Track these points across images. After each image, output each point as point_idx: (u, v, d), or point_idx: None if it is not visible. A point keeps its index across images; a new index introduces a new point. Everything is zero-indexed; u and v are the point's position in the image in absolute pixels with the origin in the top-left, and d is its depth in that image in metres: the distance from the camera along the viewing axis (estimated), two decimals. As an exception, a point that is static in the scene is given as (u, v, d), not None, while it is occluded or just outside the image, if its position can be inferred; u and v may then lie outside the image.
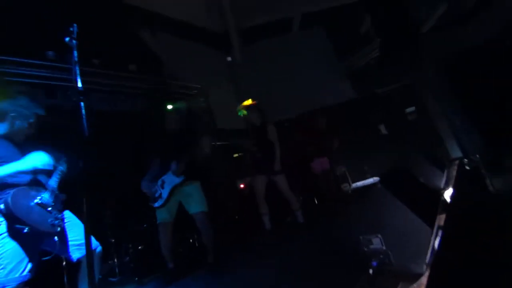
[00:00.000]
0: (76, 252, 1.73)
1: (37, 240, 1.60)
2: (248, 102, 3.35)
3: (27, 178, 1.66)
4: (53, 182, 1.77)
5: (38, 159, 1.66)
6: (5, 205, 1.48)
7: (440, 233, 1.63)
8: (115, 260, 3.10)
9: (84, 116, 1.29)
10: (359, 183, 5.05)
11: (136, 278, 2.95)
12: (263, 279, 2.17)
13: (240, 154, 5.47)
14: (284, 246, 2.99)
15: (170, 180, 2.64)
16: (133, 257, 3.11)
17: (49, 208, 1.63)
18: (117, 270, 3.08)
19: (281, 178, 3.20)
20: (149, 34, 5.36)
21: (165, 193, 2.63)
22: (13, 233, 1.49)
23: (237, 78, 6.28)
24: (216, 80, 6.03)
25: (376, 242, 1.55)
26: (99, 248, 1.84)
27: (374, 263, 1.52)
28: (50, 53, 3.84)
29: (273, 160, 3.16)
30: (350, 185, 5.02)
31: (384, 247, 1.53)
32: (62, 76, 3.75)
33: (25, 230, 1.47)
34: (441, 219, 1.79)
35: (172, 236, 2.72)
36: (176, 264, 2.74)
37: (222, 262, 2.78)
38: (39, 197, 1.61)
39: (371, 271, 1.52)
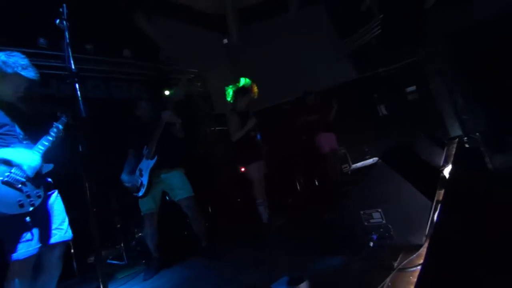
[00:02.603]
0: (54, 237, 1.59)
1: (3, 222, 1.39)
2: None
3: (8, 141, 1.50)
4: (39, 147, 1.56)
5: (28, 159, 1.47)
6: None
7: (439, 207, 1.66)
8: (122, 245, 3.19)
9: (79, 97, 1.27)
10: (359, 164, 5.09)
11: (143, 261, 3.04)
12: (260, 259, 2.22)
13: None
14: (282, 228, 3.04)
15: (146, 165, 2.54)
16: (138, 241, 3.19)
17: (19, 185, 1.42)
18: (124, 254, 3.17)
19: (253, 167, 2.97)
20: (143, 17, 5.22)
21: (145, 180, 2.52)
22: None
23: (234, 60, 6.17)
24: (214, 64, 5.93)
25: (377, 216, 1.58)
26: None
27: (375, 237, 1.56)
28: (42, 40, 3.73)
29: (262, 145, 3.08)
30: (350, 166, 5.06)
31: (384, 221, 1.57)
32: (56, 64, 3.66)
33: None
34: (440, 194, 1.82)
35: (157, 226, 2.65)
36: (165, 253, 2.70)
37: (219, 246, 2.80)
38: (6, 173, 1.40)
39: (371, 244, 1.56)
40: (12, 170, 1.43)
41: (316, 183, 4.48)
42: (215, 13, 6.09)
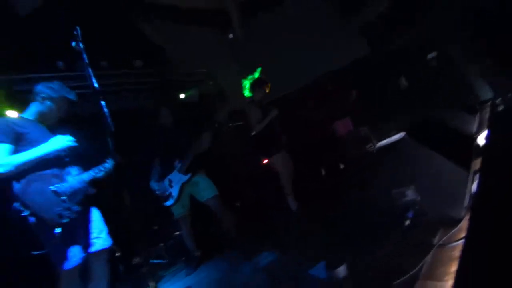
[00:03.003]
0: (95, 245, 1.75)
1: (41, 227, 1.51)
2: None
3: (61, 162, 1.68)
4: (89, 174, 1.75)
5: (59, 142, 1.64)
6: (18, 185, 1.48)
7: (477, 176, 1.58)
8: (162, 245, 3.37)
9: (107, 113, 1.35)
10: (384, 142, 4.90)
11: (183, 258, 3.20)
12: (293, 247, 2.26)
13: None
14: (312, 214, 3.03)
15: (177, 178, 2.70)
16: (176, 240, 3.36)
17: (63, 197, 1.57)
18: (165, 253, 3.36)
19: (277, 157, 2.97)
20: (149, 26, 5.32)
21: (174, 191, 2.69)
22: (14, 212, 1.47)
23: (241, 55, 6.13)
24: (222, 61, 5.94)
25: (410, 194, 1.53)
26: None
27: (410, 215, 1.52)
28: (60, 63, 3.92)
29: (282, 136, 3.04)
30: (374, 145, 4.89)
31: (418, 198, 1.52)
32: (76, 84, 3.83)
33: (22, 214, 1.45)
34: (476, 163, 1.73)
35: (191, 226, 2.81)
36: (202, 250, 2.85)
37: (248, 240, 2.86)
38: (57, 185, 1.57)
39: (407, 223, 1.52)
40: (62, 184, 1.60)
41: (341, 167, 4.40)
42: (216, 8, 6.05)
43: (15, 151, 1.54)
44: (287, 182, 2.98)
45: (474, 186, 1.53)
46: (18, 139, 1.57)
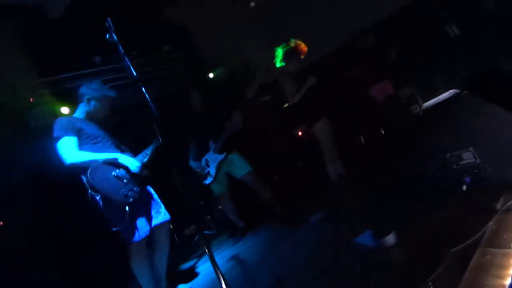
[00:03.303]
0: (156, 219, 1.98)
1: (111, 208, 1.73)
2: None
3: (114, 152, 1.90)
4: (139, 158, 1.98)
5: (125, 160, 1.87)
6: (85, 177, 1.69)
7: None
8: (208, 217, 3.65)
9: (149, 99, 1.41)
10: (432, 102, 4.44)
11: (229, 229, 3.43)
12: (337, 215, 2.25)
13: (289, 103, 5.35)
14: (355, 182, 2.96)
15: (213, 158, 2.85)
16: (222, 213, 3.59)
17: (125, 180, 1.80)
18: (212, 225, 3.64)
19: (319, 125, 2.88)
20: (170, 8, 5.25)
21: (212, 170, 2.86)
22: (91, 198, 1.69)
23: (266, 23, 5.82)
24: (248, 33, 5.72)
25: (468, 157, 1.39)
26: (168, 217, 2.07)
27: (468, 179, 1.39)
28: (97, 58, 4.13)
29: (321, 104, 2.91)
30: (420, 106, 4.47)
31: (478, 160, 1.38)
32: (113, 76, 4.03)
33: (98, 197, 1.66)
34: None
35: (233, 201, 2.99)
36: (247, 222, 3.06)
37: (292, 210, 2.97)
38: (117, 170, 1.80)
39: (464, 187, 1.41)
40: (120, 169, 1.82)
41: (382, 132, 4.14)
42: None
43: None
44: (330, 150, 2.92)
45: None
46: (78, 134, 1.80)
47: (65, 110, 3.59)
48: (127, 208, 1.77)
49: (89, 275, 2.95)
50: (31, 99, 3.64)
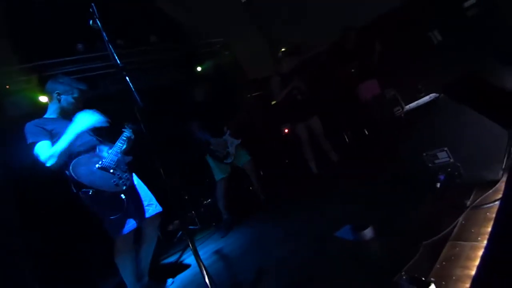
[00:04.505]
0: (148, 212, 1.94)
1: (105, 200, 1.71)
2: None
3: (91, 144, 1.84)
4: (117, 146, 1.91)
5: (88, 118, 1.78)
6: (68, 174, 1.65)
7: (517, 136, 1.47)
8: (193, 212, 3.62)
9: (133, 89, 1.38)
10: (413, 104, 4.59)
11: (214, 224, 3.43)
12: (318, 210, 2.31)
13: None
14: (336, 179, 3.05)
15: (231, 141, 3.07)
16: (206, 207, 3.59)
17: (112, 170, 1.76)
18: (196, 220, 3.62)
19: (314, 121, 3.12)
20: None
21: (232, 151, 3.02)
22: (83, 195, 1.67)
23: (256, 18, 5.80)
24: (238, 28, 5.69)
25: (442, 156, 1.48)
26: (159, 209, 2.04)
27: (441, 177, 1.47)
28: (80, 45, 3.97)
29: (307, 104, 3.06)
30: (402, 108, 4.61)
31: (452, 160, 1.46)
32: (97, 65, 3.90)
33: (90, 192, 1.63)
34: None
35: (228, 189, 3.10)
36: (233, 215, 3.15)
37: (277, 204, 3.08)
38: (100, 162, 1.75)
39: (438, 185, 1.49)
40: (103, 160, 1.78)
41: (366, 132, 4.27)
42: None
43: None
44: (324, 141, 3.18)
45: (514, 146, 1.44)
46: (51, 135, 1.73)
47: (43, 98, 3.45)
48: (122, 196, 1.76)
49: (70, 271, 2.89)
50: (7, 86, 3.46)
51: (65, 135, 1.70)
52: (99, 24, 1.56)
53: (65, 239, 2.97)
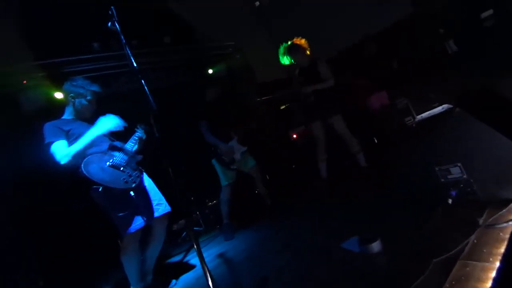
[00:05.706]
0: (158, 211, 1.97)
1: (115, 197, 1.75)
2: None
3: (105, 146, 1.89)
4: (129, 145, 1.97)
5: (108, 122, 1.86)
6: (80, 171, 1.69)
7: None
8: (198, 213, 3.64)
9: (148, 92, 1.40)
10: (425, 114, 4.51)
11: (218, 226, 3.44)
12: (325, 217, 2.28)
13: (287, 105, 5.35)
14: (345, 187, 3.01)
15: (238, 148, 3.06)
16: (211, 209, 3.60)
17: (122, 168, 1.81)
18: (201, 221, 3.63)
19: (338, 119, 2.98)
20: (174, 1, 5.19)
21: (237, 157, 3.03)
22: (93, 192, 1.73)
23: (269, 23, 5.82)
24: (251, 32, 5.71)
25: (455, 172, 1.44)
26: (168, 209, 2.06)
27: (453, 193, 1.44)
28: (96, 45, 4.04)
29: (327, 101, 2.96)
30: (414, 118, 4.53)
31: (465, 176, 1.42)
32: (111, 64, 3.96)
33: (100, 189, 1.69)
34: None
35: (232, 196, 3.08)
36: (238, 220, 3.17)
37: (283, 211, 3.06)
38: (110, 160, 1.81)
39: (450, 201, 1.45)
40: (114, 158, 1.83)
41: (375, 141, 4.20)
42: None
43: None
44: (353, 141, 3.04)
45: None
46: (67, 136, 1.80)
47: (58, 95, 3.53)
48: (132, 193, 1.81)
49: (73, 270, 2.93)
50: (24, 81, 3.56)
51: (84, 137, 1.78)
52: (117, 26, 1.59)
53: (65, 239, 3.02)
